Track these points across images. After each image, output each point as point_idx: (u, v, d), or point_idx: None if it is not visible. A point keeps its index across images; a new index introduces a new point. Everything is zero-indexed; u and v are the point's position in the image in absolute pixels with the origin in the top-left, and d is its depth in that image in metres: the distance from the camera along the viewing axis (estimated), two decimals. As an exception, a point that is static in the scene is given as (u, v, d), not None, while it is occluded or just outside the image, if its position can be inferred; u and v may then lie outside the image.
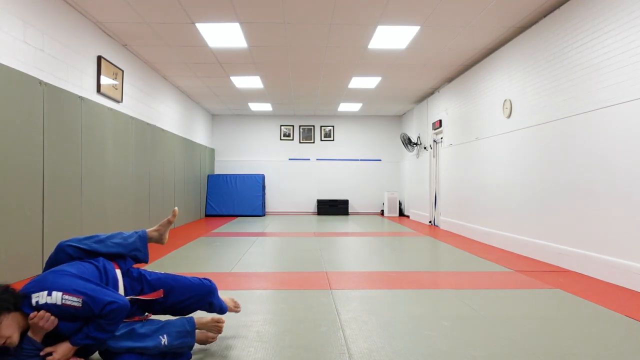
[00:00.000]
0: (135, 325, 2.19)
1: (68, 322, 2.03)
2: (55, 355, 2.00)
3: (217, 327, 2.53)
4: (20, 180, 4.21)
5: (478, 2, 5.14)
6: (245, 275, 4.55)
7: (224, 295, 2.75)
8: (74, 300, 1.98)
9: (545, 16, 5.39)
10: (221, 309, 2.59)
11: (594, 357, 2.41)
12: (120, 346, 2.12)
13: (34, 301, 1.98)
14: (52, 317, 1.97)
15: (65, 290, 1.98)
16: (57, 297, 1.97)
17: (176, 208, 2.57)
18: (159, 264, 5.09)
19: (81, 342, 2.04)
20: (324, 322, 2.99)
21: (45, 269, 2.24)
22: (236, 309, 2.81)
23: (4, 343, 1.90)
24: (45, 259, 4.57)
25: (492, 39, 6.37)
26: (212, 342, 2.52)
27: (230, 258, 5.55)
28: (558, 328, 2.88)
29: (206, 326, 2.51)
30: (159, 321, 2.29)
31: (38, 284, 2.03)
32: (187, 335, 2.29)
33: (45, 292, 1.98)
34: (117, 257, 2.33)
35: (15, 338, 1.92)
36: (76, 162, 5.21)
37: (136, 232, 2.43)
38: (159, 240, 2.53)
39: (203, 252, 6.12)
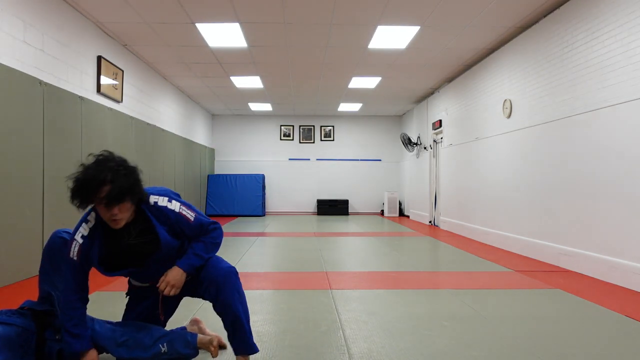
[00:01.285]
0: (138, 335, 2.16)
1: (171, 244, 2.08)
2: (171, 280, 2.04)
3: (213, 352, 2.29)
4: (20, 180, 4.21)
5: (478, 2, 5.14)
6: (245, 275, 4.55)
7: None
8: (188, 213, 2.11)
9: (545, 16, 5.39)
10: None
11: (594, 357, 2.41)
12: (121, 354, 2.12)
13: (152, 201, 2.09)
14: (175, 289, 2.05)
15: (182, 203, 2.14)
16: (176, 205, 2.11)
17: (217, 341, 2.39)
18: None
19: (189, 262, 2.08)
20: (324, 322, 2.99)
21: (43, 260, 2.22)
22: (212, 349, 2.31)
23: (113, 218, 1.94)
24: (45, 259, 4.57)
25: (492, 39, 6.37)
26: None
27: (230, 258, 5.55)
28: (558, 328, 2.88)
29: (204, 346, 2.35)
30: (162, 330, 2.26)
31: (157, 191, 2.16)
32: (188, 346, 2.25)
33: (167, 198, 2.12)
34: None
35: (123, 222, 1.98)
36: (76, 162, 5.17)
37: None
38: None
39: (203, 252, 6.12)
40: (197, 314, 3.12)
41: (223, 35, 6.24)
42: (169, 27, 5.96)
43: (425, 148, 10.60)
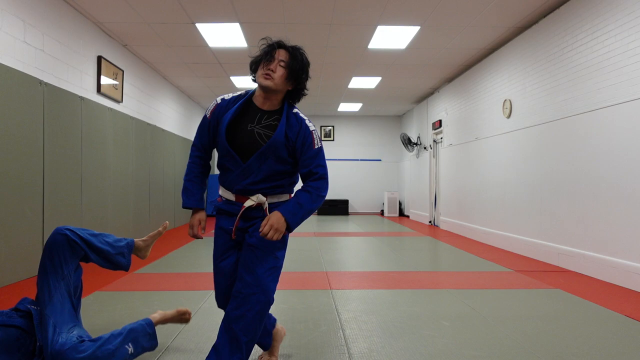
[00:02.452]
0: (101, 340, 2.07)
1: (279, 145, 1.97)
2: (275, 224, 1.87)
3: (184, 319, 2.49)
4: (20, 180, 4.21)
5: (478, 2, 5.14)
6: (245, 275, 4.54)
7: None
8: (317, 141, 2.03)
9: (545, 16, 5.39)
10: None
11: (594, 357, 2.41)
12: None
13: (297, 112, 2.07)
14: (278, 233, 1.88)
15: (319, 138, 2.10)
16: (314, 128, 2.06)
17: (167, 222, 2.59)
18: (159, 264, 5.09)
19: (291, 209, 1.93)
20: (324, 322, 3.00)
21: (42, 257, 2.19)
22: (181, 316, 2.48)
23: (267, 70, 1.98)
24: (45, 259, 4.57)
25: (492, 39, 6.37)
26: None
27: (230, 258, 5.54)
28: (558, 328, 2.88)
29: (172, 320, 2.45)
30: (119, 330, 2.16)
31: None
32: (151, 338, 2.26)
33: (312, 124, 2.09)
34: (104, 254, 2.29)
35: (271, 83, 1.98)
36: (76, 162, 5.21)
37: (125, 239, 2.41)
38: (143, 250, 2.49)
39: (203, 252, 6.12)
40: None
41: (223, 35, 6.24)
42: (169, 27, 5.96)
43: (425, 148, 10.60)
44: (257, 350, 2.47)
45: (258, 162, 1.97)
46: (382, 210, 13.12)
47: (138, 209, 7.15)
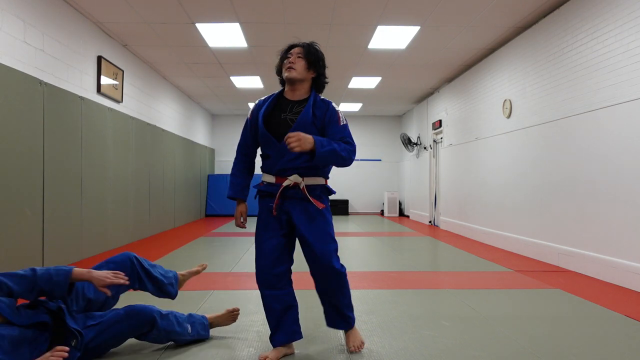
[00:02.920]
0: (175, 312, 2.48)
1: (307, 123, 2.29)
2: (302, 137, 2.12)
3: (232, 317, 2.75)
4: (20, 180, 4.20)
5: (478, 2, 5.14)
6: (245, 275, 4.55)
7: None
8: (342, 119, 2.36)
9: (545, 16, 5.39)
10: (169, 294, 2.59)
11: (594, 357, 2.41)
12: (162, 325, 2.35)
13: (323, 97, 2.45)
14: (300, 146, 2.16)
15: (343, 117, 2.43)
16: (338, 108, 2.41)
17: (206, 264, 2.85)
18: (159, 263, 5.08)
19: (322, 140, 2.20)
20: (324, 322, 2.99)
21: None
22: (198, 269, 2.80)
23: (289, 63, 2.34)
24: (46, 258, 4.57)
25: (492, 39, 6.37)
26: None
27: (230, 258, 5.55)
28: (558, 328, 2.88)
29: (222, 319, 2.73)
30: (181, 313, 2.53)
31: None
32: (205, 328, 2.62)
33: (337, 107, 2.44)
34: (158, 284, 2.50)
35: (294, 73, 2.35)
36: (76, 162, 5.21)
37: (171, 271, 2.64)
38: (182, 283, 2.71)
39: (203, 252, 6.12)
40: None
41: (223, 35, 6.24)
42: (169, 27, 5.96)
43: (425, 148, 10.60)
44: (260, 349, 2.47)
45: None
46: (382, 210, 13.12)
47: (138, 209, 7.15)
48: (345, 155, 2.25)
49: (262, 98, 2.45)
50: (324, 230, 2.31)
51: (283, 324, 2.35)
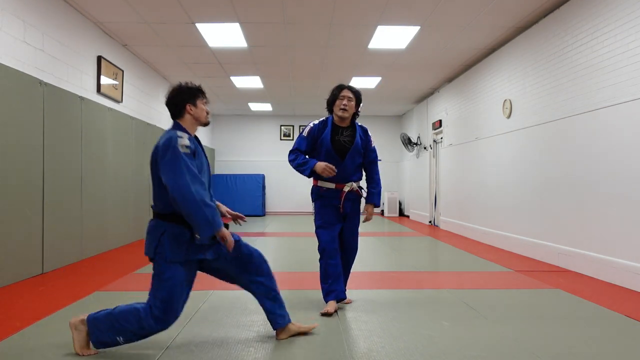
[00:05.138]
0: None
1: (359, 147, 3.41)
2: (371, 213, 3.46)
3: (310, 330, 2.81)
4: (20, 180, 4.20)
5: (478, 2, 5.14)
6: (245, 275, 4.54)
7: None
8: (373, 142, 3.57)
9: (545, 16, 5.39)
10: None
11: (594, 357, 2.41)
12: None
13: (361, 124, 3.54)
14: (372, 217, 3.55)
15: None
16: (371, 135, 3.57)
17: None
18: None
19: (375, 199, 3.53)
20: (324, 322, 2.99)
21: None
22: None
23: (343, 105, 3.29)
24: (46, 258, 4.57)
25: (492, 39, 6.37)
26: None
27: (230, 258, 5.54)
28: (558, 328, 2.88)
29: (302, 330, 2.75)
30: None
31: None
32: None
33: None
34: None
35: (347, 114, 3.34)
36: (76, 162, 5.21)
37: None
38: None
39: (203, 252, 6.11)
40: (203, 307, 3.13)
41: (223, 35, 6.24)
42: (169, 27, 5.96)
43: (425, 148, 10.60)
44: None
45: (351, 158, 3.32)
46: (382, 210, 13.12)
47: (138, 209, 7.15)
48: (380, 188, 3.61)
49: (316, 122, 3.38)
50: (358, 223, 3.49)
51: (340, 281, 3.28)
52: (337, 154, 3.27)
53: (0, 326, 2.85)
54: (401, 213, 13.00)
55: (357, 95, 3.33)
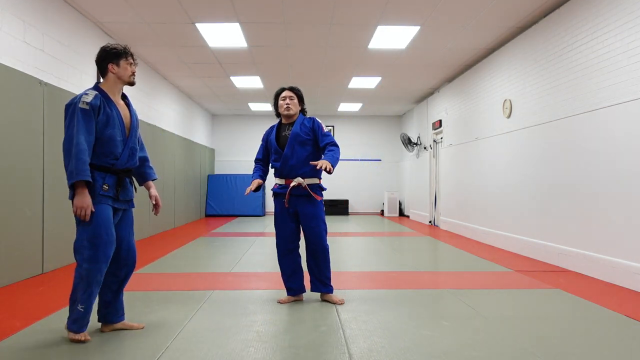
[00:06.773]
0: None
1: (299, 134, 3.44)
2: (325, 162, 3.16)
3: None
4: (20, 180, 4.20)
5: (478, 2, 5.14)
6: (245, 275, 4.55)
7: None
8: (324, 127, 3.50)
9: (545, 16, 5.39)
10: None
11: (594, 357, 2.41)
12: None
13: (310, 117, 3.57)
14: (329, 167, 3.22)
15: (323, 125, 3.59)
16: (321, 122, 3.57)
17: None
18: (159, 264, 5.09)
19: (330, 159, 3.26)
20: (324, 322, 2.99)
21: None
22: None
23: (287, 104, 3.46)
24: (46, 258, 4.57)
25: (492, 39, 6.37)
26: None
27: (230, 258, 5.55)
28: (558, 328, 2.88)
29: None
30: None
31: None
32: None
33: (320, 121, 3.61)
34: None
35: (292, 111, 3.50)
36: (76, 162, 5.20)
37: None
38: None
39: (203, 252, 6.13)
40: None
41: (223, 35, 6.24)
42: (169, 27, 5.96)
43: (425, 148, 10.60)
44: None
45: (290, 148, 3.37)
46: (382, 210, 13.12)
47: (138, 209, 7.11)
48: (338, 155, 3.31)
49: (270, 127, 3.63)
50: (319, 224, 3.44)
51: (293, 279, 3.47)
52: (282, 148, 3.43)
53: (0, 326, 2.85)
54: (401, 213, 13.01)
55: (297, 92, 3.49)
